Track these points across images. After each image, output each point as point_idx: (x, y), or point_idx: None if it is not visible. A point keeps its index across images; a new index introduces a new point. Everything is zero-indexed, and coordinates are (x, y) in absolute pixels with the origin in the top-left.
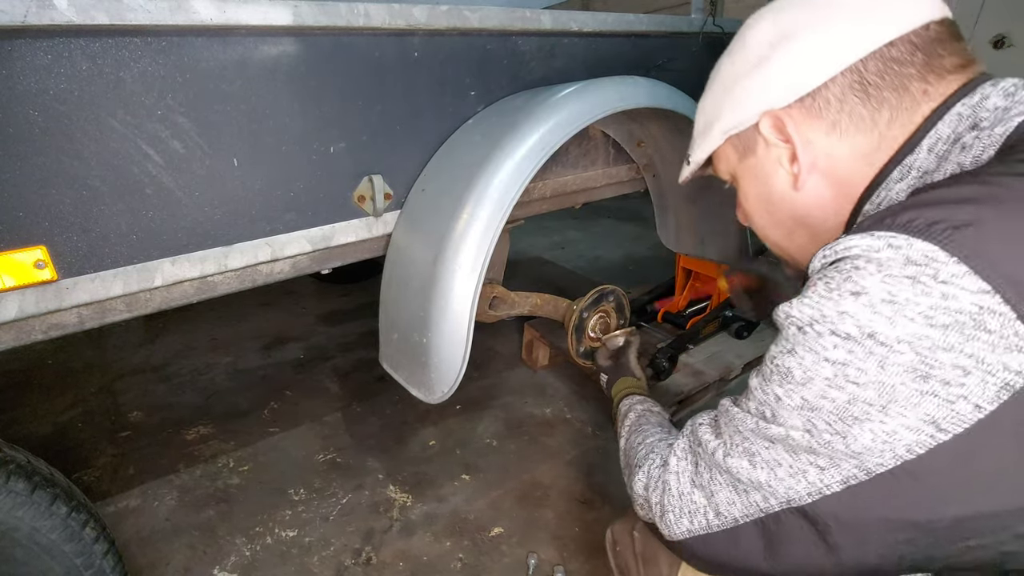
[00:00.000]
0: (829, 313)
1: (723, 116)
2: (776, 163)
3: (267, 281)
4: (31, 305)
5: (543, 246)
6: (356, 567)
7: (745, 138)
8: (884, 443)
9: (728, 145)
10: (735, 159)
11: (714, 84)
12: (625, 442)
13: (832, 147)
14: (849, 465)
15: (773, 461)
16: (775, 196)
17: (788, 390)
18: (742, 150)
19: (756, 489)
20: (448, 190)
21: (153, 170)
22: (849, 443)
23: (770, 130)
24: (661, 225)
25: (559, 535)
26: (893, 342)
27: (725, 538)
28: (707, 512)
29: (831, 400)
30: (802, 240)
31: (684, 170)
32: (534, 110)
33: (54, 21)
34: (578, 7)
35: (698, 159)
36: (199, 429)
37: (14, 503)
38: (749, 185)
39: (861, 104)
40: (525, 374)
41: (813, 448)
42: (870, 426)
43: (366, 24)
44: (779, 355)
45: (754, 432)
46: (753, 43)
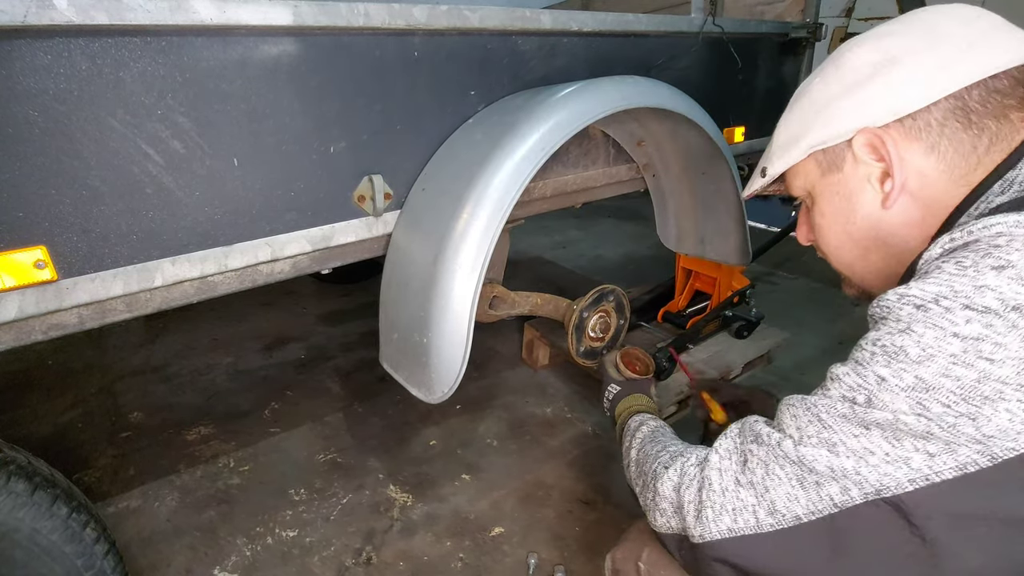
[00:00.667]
0: (963, 288)
1: (812, 132)
2: (864, 180)
3: (267, 281)
4: (31, 305)
5: (543, 246)
6: (357, 567)
7: (832, 154)
8: (1022, 422)
9: (811, 160)
10: (816, 175)
11: (802, 101)
12: (638, 452)
13: (927, 168)
14: (970, 450)
15: (863, 449)
16: (858, 214)
17: (897, 369)
18: (827, 166)
19: (835, 480)
20: (448, 190)
21: (153, 170)
22: (980, 426)
23: (863, 147)
24: (661, 225)
25: (560, 535)
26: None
27: (777, 540)
28: (756, 510)
29: (955, 379)
30: (877, 261)
31: (754, 183)
32: (534, 110)
33: (54, 21)
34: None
35: (775, 172)
36: (200, 429)
37: (15, 504)
38: (828, 202)
39: (962, 129)
40: (526, 374)
41: (927, 433)
42: (1006, 406)
43: (366, 24)
44: (885, 336)
45: (843, 418)
46: (852, 65)
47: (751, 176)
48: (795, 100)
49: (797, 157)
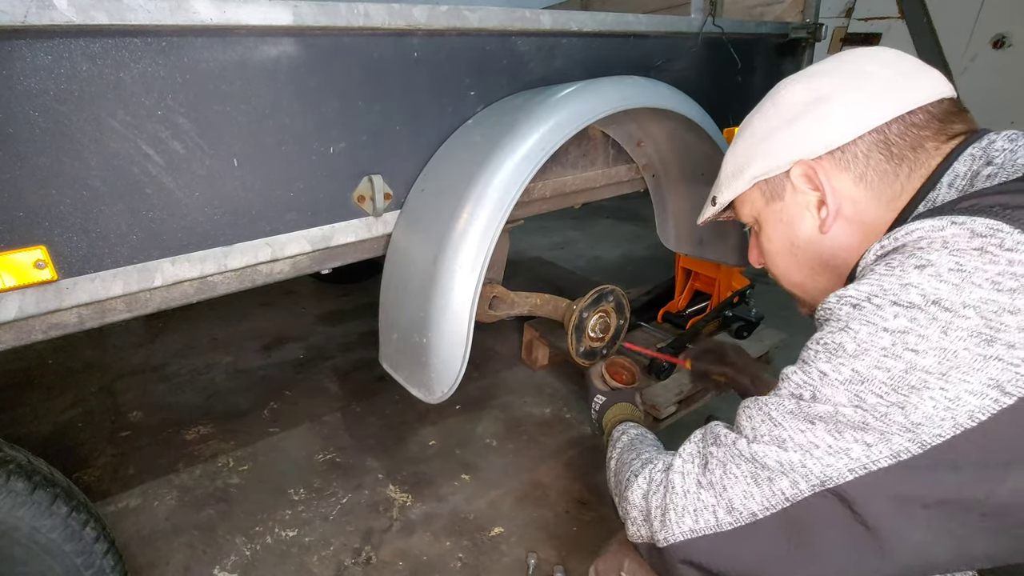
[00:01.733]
0: (890, 286)
1: (754, 163)
2: (803, 208)
3: (267, 281)
4: (31, 305)
5: (543, 246)
6: (356, 567)
7: (774, 184)
8: (946, 410)
9: (755, 190)
10: (761, 203)
11: (744, 134)
12: (616, 461)
13: (857, 195)
14: (902, 439)
15: (809, 443)
16: (800, 239)
17: (836, 364)
18: (769, 195)
19: (784, 474)
20: (448, 190)
21: (153, 170)
22: (908, 414)
23: (800, 178)
24: (660, 225)
25: (558, 535)
26: (959, 307)
27: (737, 538)
28: (716, 510)
29: (885, 370)
30: (824, 281)
31: (706, 211)
32: (534, 110)
33: (54, 21)
34: (578, 7)
35: (724, 201)
36: (199, 429)
37: (14, 503)
38: (773, 228)
39: (885, 160)
40: (525, 374)
41: (863, 424)
42: (930, 394)
43: (366, 24)
44: (827, 335)
45: (790, 414)
46: (788, 102)
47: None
48: (739, 132)
49: (743, 187)
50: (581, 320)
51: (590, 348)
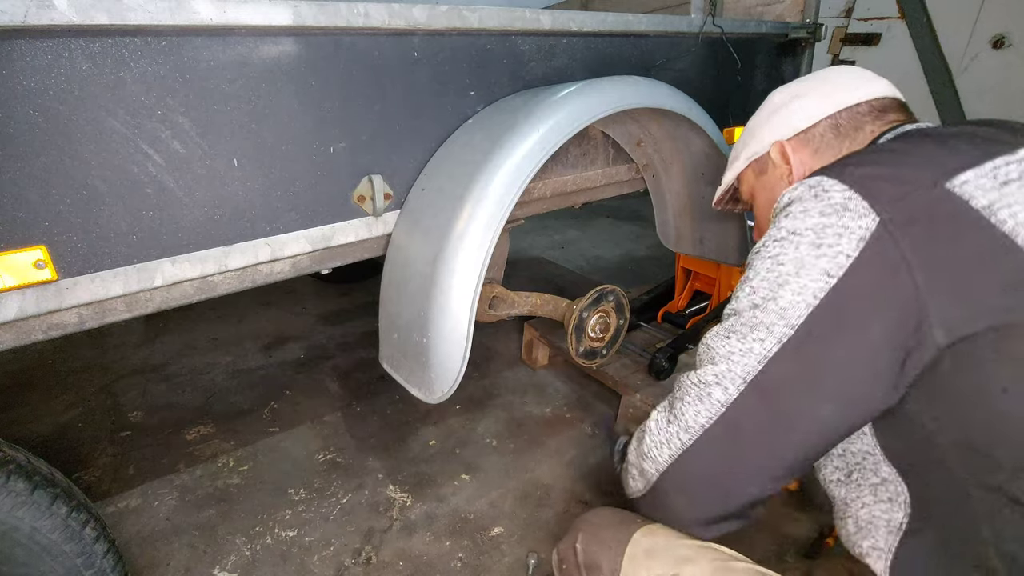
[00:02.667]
0: (772, 233)
1: (748, 147)
2: (779, 178)
3: (267, 281)
4: (31, 305)
5: (543, 246)
6: (356, 567)
7: (761, 161)
8: (798, 295)
9: (749, 168)
10: (753, 178)
11: (746, 128)
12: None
13: (812, 164)
14: (780, 326)
15: (727, 352)
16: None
17: (743, 286)
18: (758, 170)
19: (717, 383)
20: (448, 190)
21: (153, 170)
22: (779, 302)
23: (776, 154)
24: (660, 225)
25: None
26: (803, 230)
27: (699, 451)
28: (680, 434)
29: (765, 279)
30: None
31: (717, 190)
32: (534, 110)
33: (54, 21)
34: (578, 7)
35: (728, 179)
36: (199, 429)
37: (14, 503)
38: (762, 196)
39: (833, 137)
40: (525, 374)
41: (755, 321)
42: (789, 287)
43: (366, 24)
44: (748, 271)
45: (716, 335)
46: (772, 102)
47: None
48: (744, 129)
49: (741, 166)
50: (581, 320)
51: (590, 348)
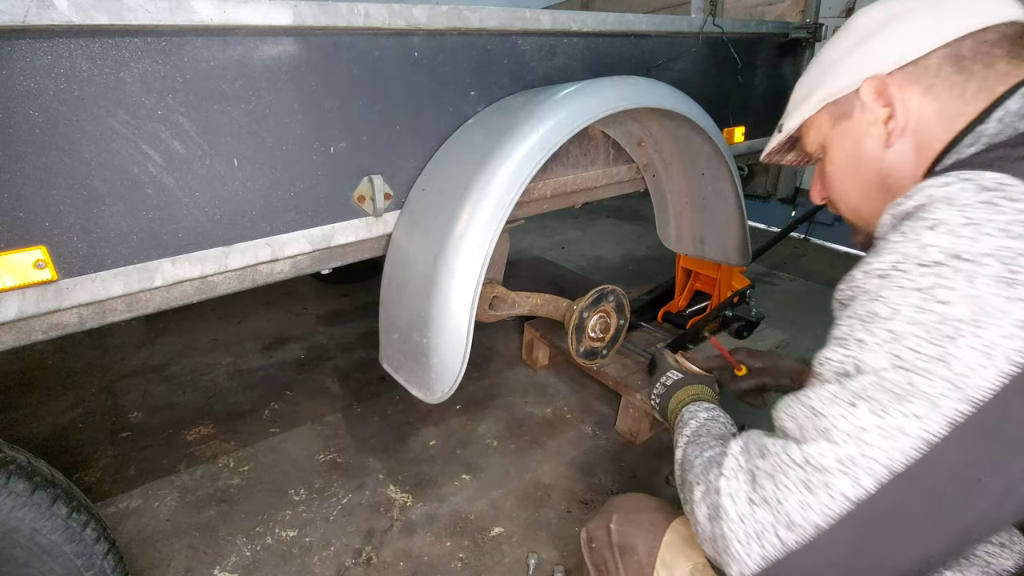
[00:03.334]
0: (911, 251)
1: (823, 86)
2: (870, 125)
3: (267, 281)
4: (31, 305)
5: (543, 246)
6: (357, 567)
7: (842, 104)
8: (984, 356)
9: (824, 112)
10: (828, 126)
11: (815, 64)
12: (682, 454)
13: (924, 110)
14: (950, 399)
15: (856, 429)
16: (864, 156)
17: (873, 330)
18: (837, 116)
19: (843, 472)
20: (448, 190)
21: (153, 170)
22: (950, 364)
23: (870, 93)
24: (661, 225)
25: (559, 535)
26: (978, 257)
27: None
28: (777, 529)
29: (919, 324)
30: (877, 200)
31: (772, 140)
32: (534, 110)
33: (54, 21)
34: (578, 7)
35: (791, 126)
36: (200, 429)
37: (15, 504)
38: (838, 149)
39: (955, 73)
40: (525, 374)
41: (908, 390)
42: (966, 342)
43: (366, 24)
44: (858, 308)
45: (832, 400)
46: (861, 24)
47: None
48: (809, 66)
49: (810, 111)
50: (581, 320)
51: (590, 348)
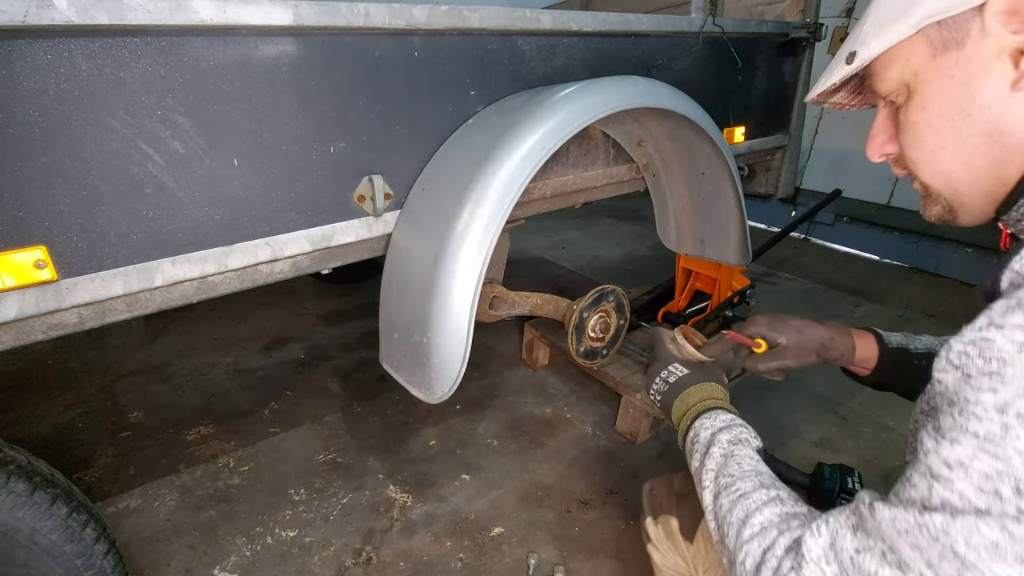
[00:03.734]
0: None
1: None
2: (992, 58)
3: (267, 281)
4: (31, 305)
5: (543, 246)
6: (356, 567)
7: (952, 27)
8: None
9: (921, 37)
10: (925, 56)
11: None
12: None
13: None
14: None
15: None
16: (976, 103)
17: (988, 449)
18: (941, 44)
19: None
20: (448, 190)
21: (153, 170)
22: None
23: (1001, 14)
24: (661, 225)
25: (559, 535)
26: None
27: None
28: None
29: None
30: (982, 166)
31: (833, 73)
32: (534, 110)
33: (54, 21)
34: (578, 7)
35: (870, 54)
36: (200, 429)
37: (14, 504)
38: (937, 90)
39: None
40: (525, 374)
41: None
42: None
43: (366, 24)
44: (1014, 398)
45: (986, 548)
46: None
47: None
48: None
49: (905, 32)
50: (581, 320)
51: (590, 348)
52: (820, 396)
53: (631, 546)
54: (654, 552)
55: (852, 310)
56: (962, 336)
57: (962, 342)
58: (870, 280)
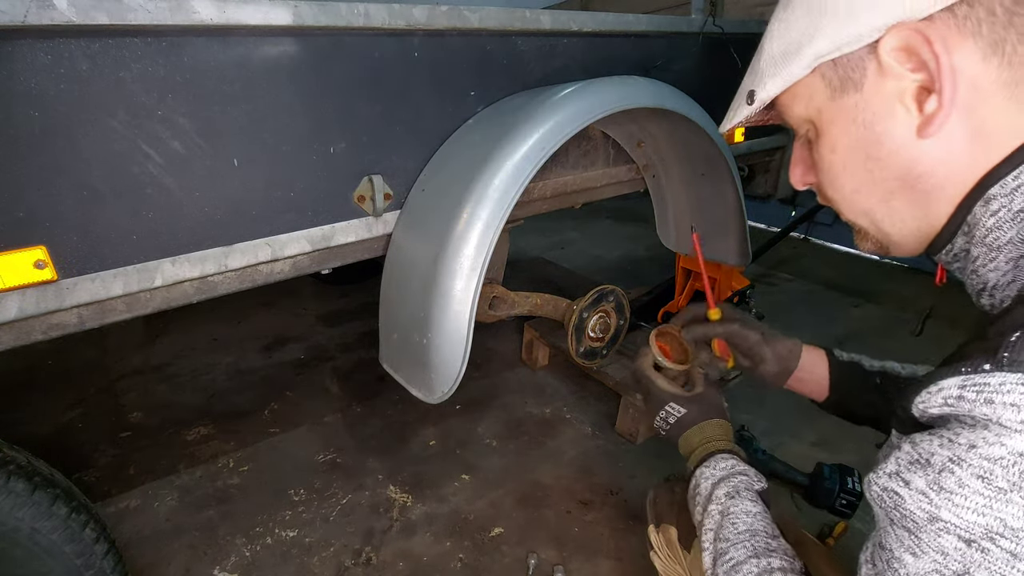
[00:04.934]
0: (1017, 525)
1: (821, 34)
2: (893, 100)
3: (267, 281)
4: (31, 305)
5: (543, 246)
6: (356, 567)
7: (848, 66)
8: None
9: (817, 77)
10: (824, 96)
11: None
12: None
13: (983, 79)
14: None
15: None
16: (885, 146)
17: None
18: (839, 83)
19: None
20: (448, 190)
21: (153, 170)
22: None
23: (896, 52)
24: (661, 225)
25: (559, 535)
26: None
27: None
28: None
29: None
30: (902, 208)
31: (737, 113)
32: (534, 110)
33: (54, 21)
34: (578, 7)
35: (767, 95)
36: (200, 429)
37: (14, 504)
38: (842, 132)
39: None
40: (525, 374)
41: None
42: None
43: (366, 24)
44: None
45: None
46: None
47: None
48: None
49: (798, 73)
50: (581, 320)
51: (590, 348)
52: None
53: (631, 546)
54: (656, 560)
55: (851, 310)
56: (879, 475)
57: (879, 485)
58: (869, 280)
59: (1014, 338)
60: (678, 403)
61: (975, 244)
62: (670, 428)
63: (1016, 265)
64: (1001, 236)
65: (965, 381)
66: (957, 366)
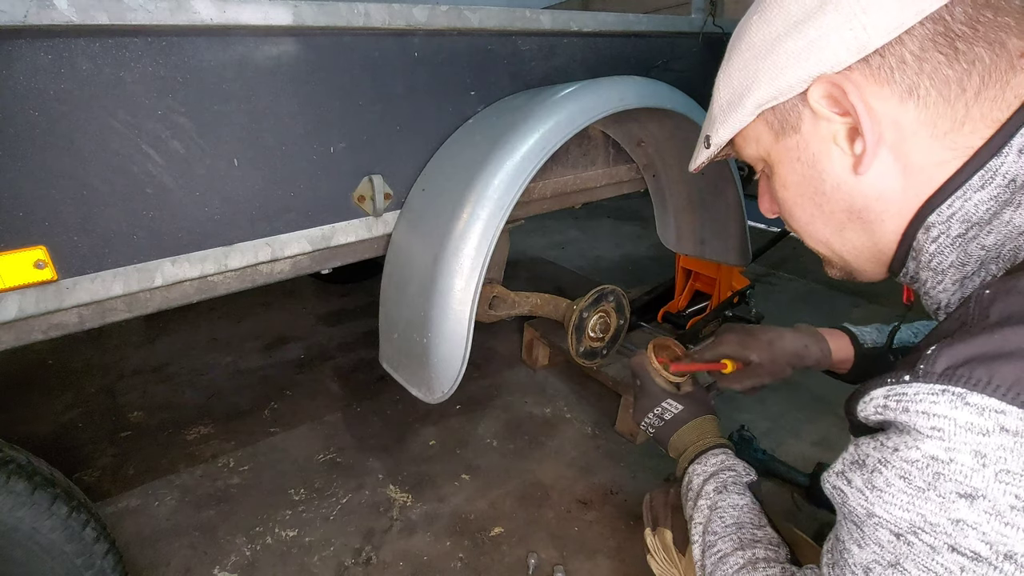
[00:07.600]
0: (938, 520)
1: (758, 86)
2: (828, 142)
3: (267, 281)
4: (31, 305)
5: (543, 246)
6: (356, 567)
7: (785, 112)
8: None
9: (761, 122)
10: (770, 139)
11: (740, 48)
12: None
13: (905, 118)
14: None
15: None
16: (827, 184)
17: None
18: (779, 128)
19: None
20: (448, 190)
21: (153, 170)
22: None
23: (822, 100)
24: (661, 225)
25: (559, 535)
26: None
27: None
28: None
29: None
30: (855, 238)
31: (699, 155)
32: (534, 110)
33: (54, 21)
34: (578, 7)
35: (720, 140)
36: (200, 429)
37: (14, 503)
38: (789, 171)
39: (946, 63)
40: (525, 374)
41: None
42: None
43: (366, 24)
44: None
45: None
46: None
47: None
48: (733, 44)
49: (744, 120)
50: (581, 320)
51: (590, 348)
52: (819, 396)
53: (631, 546)
54: (652, 562)
55: (851, 311)
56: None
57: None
58: None
59: (930, 351)
60: (675, 401)
61: (922, 268)
62: (664, 424)
63: (962, 285)
64: (944, 260)
65: (889, 392)
66: (885, 377)
